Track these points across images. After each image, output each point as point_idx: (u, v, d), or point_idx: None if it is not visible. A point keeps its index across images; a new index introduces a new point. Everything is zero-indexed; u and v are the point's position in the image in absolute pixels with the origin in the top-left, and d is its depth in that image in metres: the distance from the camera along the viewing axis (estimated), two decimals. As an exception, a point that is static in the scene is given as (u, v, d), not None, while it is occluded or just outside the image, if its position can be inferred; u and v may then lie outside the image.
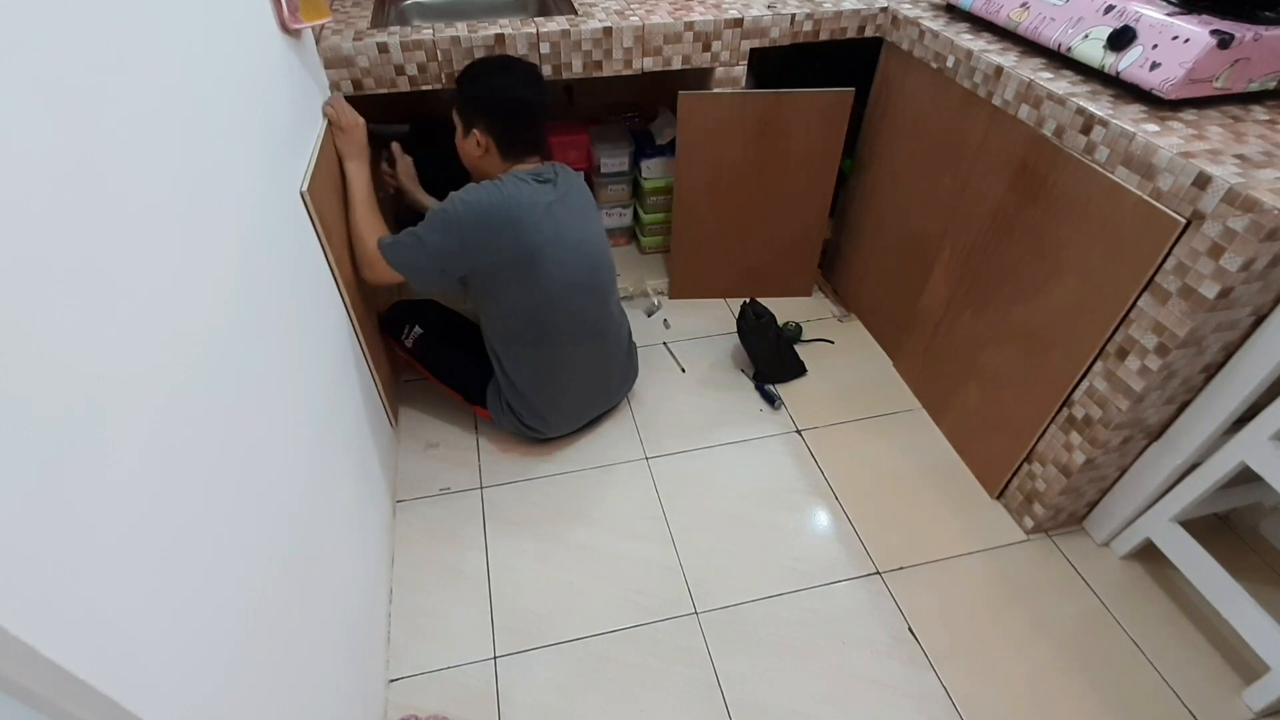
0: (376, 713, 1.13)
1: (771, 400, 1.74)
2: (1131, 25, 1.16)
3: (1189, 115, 1.13)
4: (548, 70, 1.52)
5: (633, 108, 2.15)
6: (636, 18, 1.54)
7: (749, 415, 1.72)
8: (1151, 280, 1.10)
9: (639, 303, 2.05)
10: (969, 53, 1.39)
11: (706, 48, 1.60)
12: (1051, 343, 1.31)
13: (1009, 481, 1.49)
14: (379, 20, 1.60)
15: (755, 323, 1.73)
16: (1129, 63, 1.16)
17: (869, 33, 1.67)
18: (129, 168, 0.61)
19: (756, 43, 1.63)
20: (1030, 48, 1.38)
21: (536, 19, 1.55)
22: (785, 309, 1.97)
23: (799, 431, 1.68)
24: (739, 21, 1.58)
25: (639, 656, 1.25)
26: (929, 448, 1.65)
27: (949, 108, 1.49)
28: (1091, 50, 1.22)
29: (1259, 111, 1.15)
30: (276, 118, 1.03)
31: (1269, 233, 0.93)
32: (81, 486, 0.48)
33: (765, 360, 1.79)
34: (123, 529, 0.52)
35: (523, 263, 1.32)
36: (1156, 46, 1.12)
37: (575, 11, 1.59)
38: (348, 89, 1.45)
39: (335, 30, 1.45)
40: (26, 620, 0.41)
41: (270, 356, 0.87)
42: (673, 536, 1.45)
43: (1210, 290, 1.01)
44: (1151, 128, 1.10)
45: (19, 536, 0.42)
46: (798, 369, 1.82)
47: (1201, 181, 1.00)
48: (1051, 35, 1.30)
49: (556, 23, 1.51)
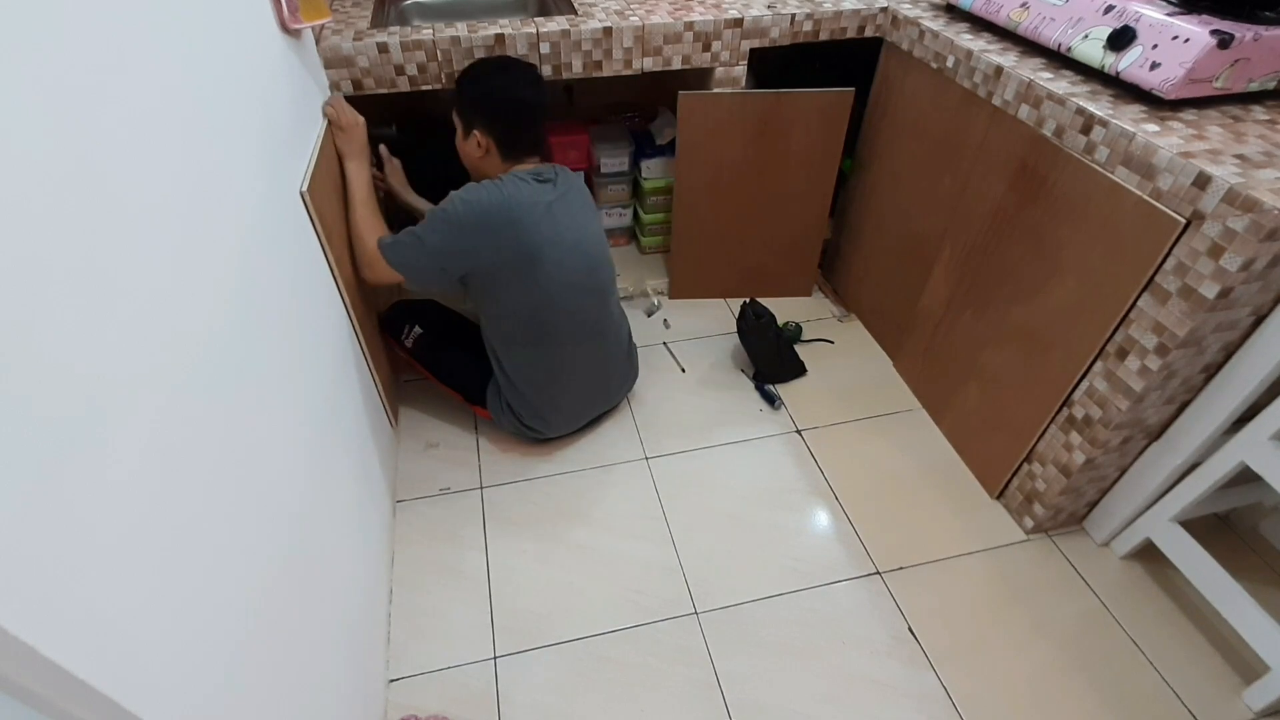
0: (376, 713, 1.13)
1: (771, 400, 1.74)
2: (1131, 25, 1.16)
3: (1189, 115, 1.13)
4: (548, 70, 1.52)
5: (633, 108, 2.15)
6: (636, 18, 1.54)
7: (749, 415, 1.72)
8: (1151, 280, 1.10)
9: (639, 303, 2.05)
10: (969, 53, 1.39)
11: (706, 48, 1.60)
12: (1051, 343, 1.31)
13: (1009, 481, 1.49)
14: (379, 20, 1.60)
15: (755, 323, 1.73)
16: (1129, 63, 1.16)
17: (869, 33, 1.67)
18: (129, 168, 0.61)
19: (756, 43, 1.63)
20: (1030, 48, 1.38)
21: (536, 19, 1.55)
22: (785, 309, 1.97)
23: (799, 431, 1.68)
24: (739, 21, 1.58)
25: (639, 656, 1.25)
26: (929, 448, 1.65)
27: (949, 108, 1.49)
28: (1091, 50, 1.22)
29: (1259, 111, 1.15)
30: (276, 118, 1.04)
31: (1269, 233, 0.93)
32: (81, 486, 0.48)
33: (765, 360, 1.79)
34: (123, 529, 0.52)
35: (522, 262, 1.32)
36: (1156, 46, 1.12)
37: (575, 11, 1.59)
38: (348, 89, 1.45)
39: (335, 30, 1.45)
40: (26, 620, 0.41)
41: (270, 356, 0.87)
42: (673, 536, 1.45)
43: (1210, 290, 1.01)
44: (1151, 128, 1.10)
45: (19, 536, 0.42)
46: (798, 369, 1.82)
47: (1201, 181, 1.00)
48: (1051, 35, 1.30)
49: (556, 23, 1.51)
